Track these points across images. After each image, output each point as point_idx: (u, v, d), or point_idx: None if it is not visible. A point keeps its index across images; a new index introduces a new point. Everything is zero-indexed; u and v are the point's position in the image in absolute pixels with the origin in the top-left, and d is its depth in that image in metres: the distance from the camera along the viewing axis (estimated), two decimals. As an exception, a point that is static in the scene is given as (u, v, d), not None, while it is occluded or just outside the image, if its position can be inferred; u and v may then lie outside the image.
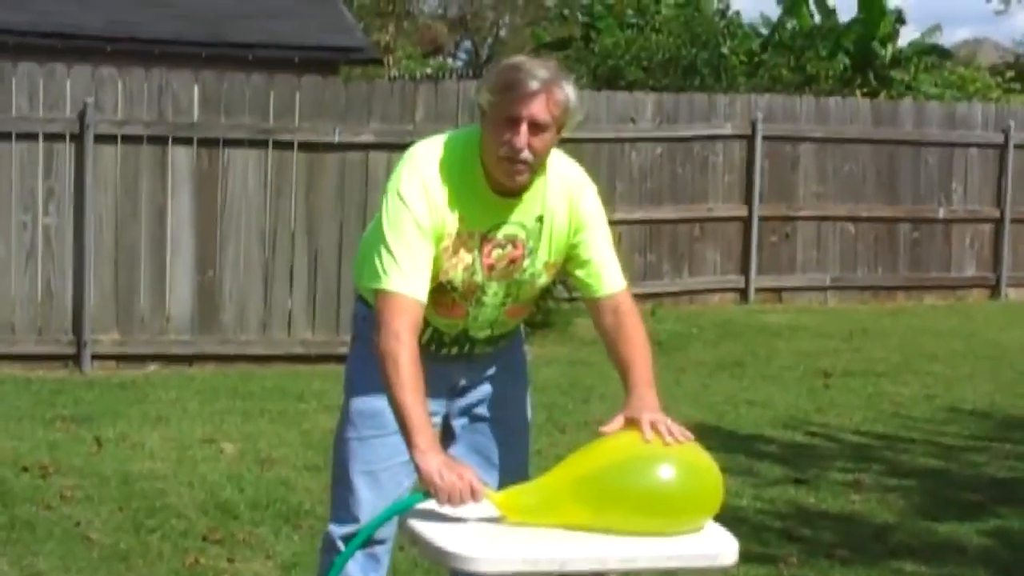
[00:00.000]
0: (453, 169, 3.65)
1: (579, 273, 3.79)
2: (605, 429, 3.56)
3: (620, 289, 3.79)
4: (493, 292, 3.78)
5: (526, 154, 3.56)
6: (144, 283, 10.19)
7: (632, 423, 3.52)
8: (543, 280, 3.83)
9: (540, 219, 3.72)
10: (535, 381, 9.17)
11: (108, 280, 10.10)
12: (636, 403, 3.57)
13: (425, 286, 3.60)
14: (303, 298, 10.47)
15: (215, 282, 10.30)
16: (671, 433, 3.45)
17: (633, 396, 3.60)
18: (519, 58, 3.68)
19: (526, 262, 3.76)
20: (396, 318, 3.53)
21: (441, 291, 3.70)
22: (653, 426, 3.47)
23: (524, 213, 3.71)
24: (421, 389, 3.49)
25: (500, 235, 3.71)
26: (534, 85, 3.53)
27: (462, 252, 3.68)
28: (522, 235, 3.72)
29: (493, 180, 3.64)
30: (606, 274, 3.78)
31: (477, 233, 3.68)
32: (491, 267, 3.73)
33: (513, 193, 3.67)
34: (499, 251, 3.72)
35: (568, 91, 3.59)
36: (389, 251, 3.58)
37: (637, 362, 3.68)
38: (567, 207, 3.73)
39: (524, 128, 3.53)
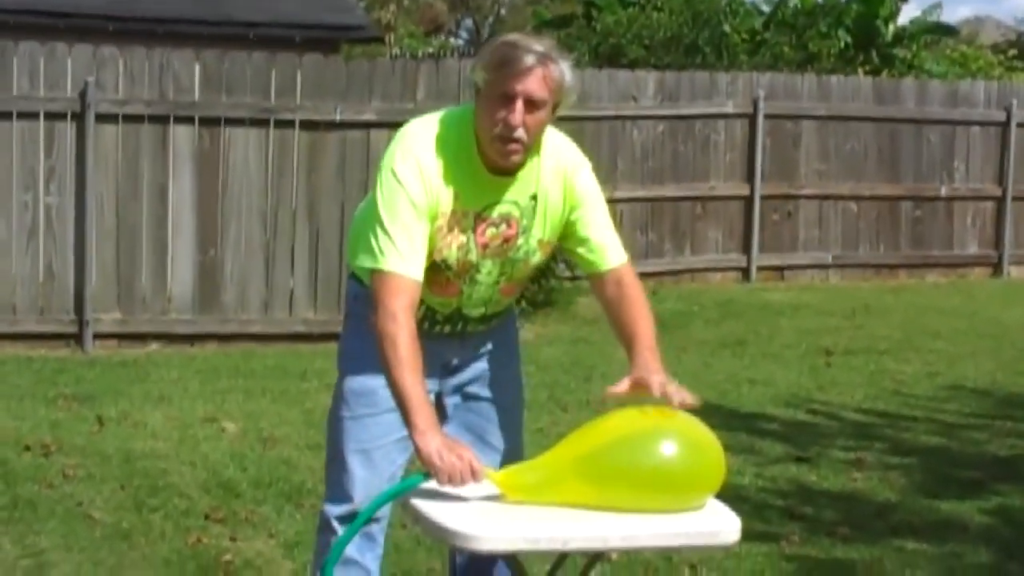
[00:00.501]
0: (448, 147, 3.63)
1: (580, 251, 3.78)
2: (613, 389, 3.57)
3: (622, 263, 3.80)
4: (487, 270, 3.77)
5: (520, 132, 3.53)
6: (145, 262, 10.19)
7: (639, 384, 3.53)
8: (537, 258, 3.81)
9: (534, 197, 3.71)
10: (537, 360, 9.25)
11: (109, 259, 10.10)
12: (642, 366, 3.58)
13: (421, 265, 3.58)
14: (304, 277, 10.46)
15: (216, 261, 10.29)
16: (680, 394, 3.47)
17: (639, 360, 3.62)
18: (514, 35, 3.65)
19: (520, 240, 3.74)
20: (393, 298, 3.52)
21: (435, 269, 3.69)
22: (661, 387, 3.49)
23: (518, 192, 3.69)
24: (419, 369, 3.48)
25: (494, 214, 3.69)
26: (530, 61, 3.51)
27: (456, 231, 3.67)
28: (516, 214, 3.71)
29: (487, 159, 3.62)
30: (607, 250, 3.77)
31: (471, 212, 3.67)
32: (485, 246, 3.72)
33: (508, 172, 3.66)
34: (493, 230, 3.71)
35: (564, 68, 3.57)
36: (384, 230, 3.57)
37: (641, 328, 3.70)
38: (561, 185, 3.72)
39: (519, 105, 3.51)
